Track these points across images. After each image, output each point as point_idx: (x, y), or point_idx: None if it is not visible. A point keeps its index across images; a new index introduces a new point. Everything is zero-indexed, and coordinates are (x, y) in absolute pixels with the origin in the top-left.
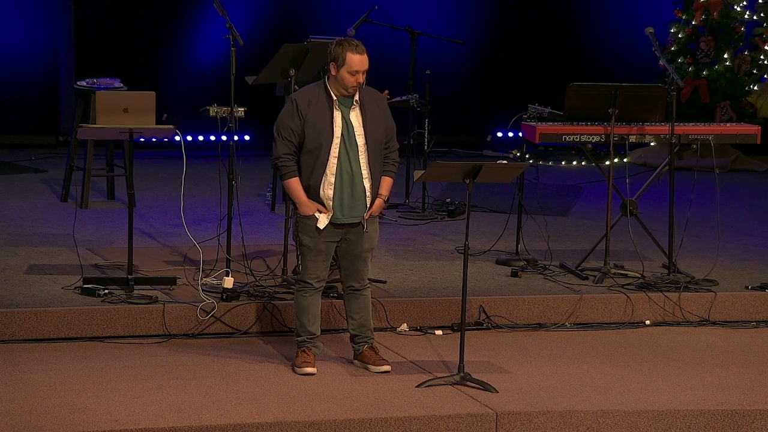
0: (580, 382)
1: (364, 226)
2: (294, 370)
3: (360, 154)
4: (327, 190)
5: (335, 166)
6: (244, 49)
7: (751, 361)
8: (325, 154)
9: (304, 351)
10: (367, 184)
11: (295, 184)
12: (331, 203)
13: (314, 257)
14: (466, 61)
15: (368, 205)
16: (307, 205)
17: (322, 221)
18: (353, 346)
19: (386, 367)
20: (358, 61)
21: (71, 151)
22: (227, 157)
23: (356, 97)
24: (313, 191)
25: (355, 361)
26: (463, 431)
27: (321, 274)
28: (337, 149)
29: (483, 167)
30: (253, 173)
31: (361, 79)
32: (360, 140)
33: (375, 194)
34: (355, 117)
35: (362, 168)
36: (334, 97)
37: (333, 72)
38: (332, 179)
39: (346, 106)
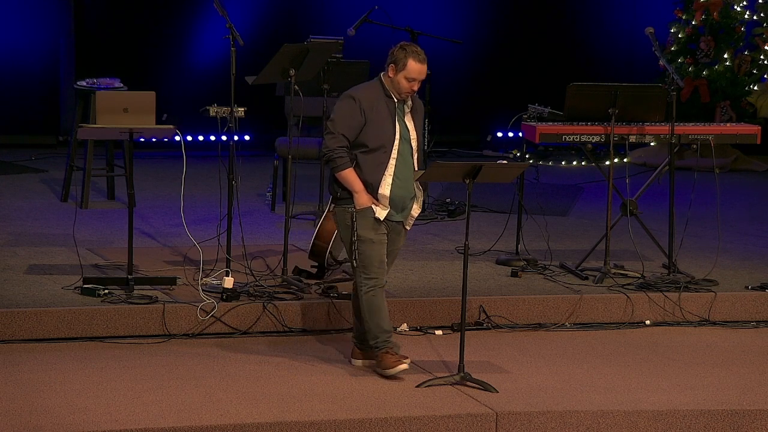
0: (580, 382)
1: (408, 226)
2: (382, 374)
3: (414, 156)
4: (384, 189)
5: (393, 166)
6: (244, 49)
7: (751, 361)
8: (386, 154)
9: (387, 352)
10: (414, 184)
11: (351, 174)
12: (387, 201)
13: (378, 249)
14: (466, 61)
15: (411, 205)
16: (364, 194)
17: (380, 212)
18: (366, 345)
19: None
20: (417, 69)
21: (71, 151)
22: (227, 157)
23: (408, 102)
24: (370, 189)
25: (362, 362)
26: (463, 431)
27: (384, 270)
28: (396, 150)
29: (483, 167)
30: (253, 173)
31: (416, 87)
32: (414, 143)
33: (421, 198)
34: (408, 120)
35: (413, 169)
36: (395, 99)
37: (391, 74)
38: (389, 179)
39: (401, 109)
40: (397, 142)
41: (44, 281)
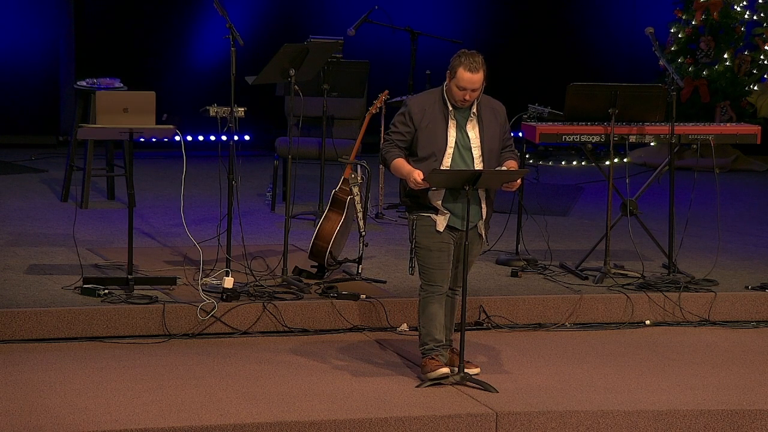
0: (580, 382)
1: (483, 236)
2: (423, 379)
3: (475, 165)
4: (435, 196)
5: None
6: (244, 49)
7: (751, 361)
8: (436, 162)
9: (432, 358)
10: (480, 194)
11: (399, 162)
12: (440, 208)
13: (437, 257)
14: None
15: (484, 214)
16: (413, 172)
17: (441, 223)
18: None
19: (477, 369)
20: (467, 79)
21: (71, 151)
22: (227, 157)
23: (473, 110)
24: (422, 196)
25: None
26: (463, 431)
27: (445, 277)
28: (450, 159)
29: (482, 174)
30: (253, 173)
31: (469, 96)
32: (476, 152)
33: (490, 204)
34: (472, 128)
35: None
36: (450, 107)
37: (447, 81)
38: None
39: (463, 116)
40: (449, 150)
41: (44, 281)
